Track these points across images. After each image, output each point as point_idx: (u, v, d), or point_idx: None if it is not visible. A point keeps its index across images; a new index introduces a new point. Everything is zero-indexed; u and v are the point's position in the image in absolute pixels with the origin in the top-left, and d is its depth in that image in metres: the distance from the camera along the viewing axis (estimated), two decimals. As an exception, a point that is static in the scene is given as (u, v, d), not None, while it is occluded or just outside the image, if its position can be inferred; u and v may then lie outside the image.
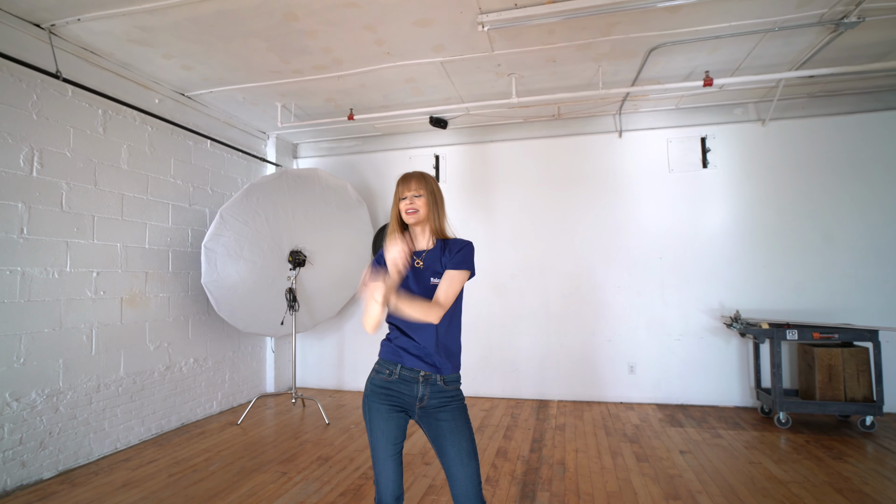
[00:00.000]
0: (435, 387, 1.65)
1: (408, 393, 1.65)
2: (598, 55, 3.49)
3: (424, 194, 1.70)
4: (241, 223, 3.91)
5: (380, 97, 4.20)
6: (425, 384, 1.65)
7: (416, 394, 1.65)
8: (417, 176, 1.73)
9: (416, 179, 1.72)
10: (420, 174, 1.74)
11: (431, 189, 1.73)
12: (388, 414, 1.65)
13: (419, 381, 1.65)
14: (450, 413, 1.64)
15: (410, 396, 1.65)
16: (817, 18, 3.03)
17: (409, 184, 1.72)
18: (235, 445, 3.60)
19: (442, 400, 1.66)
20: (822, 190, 4.26)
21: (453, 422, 1.63)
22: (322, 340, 5.36)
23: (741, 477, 2.90)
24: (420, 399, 1.65)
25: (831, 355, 3.73)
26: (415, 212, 1.69)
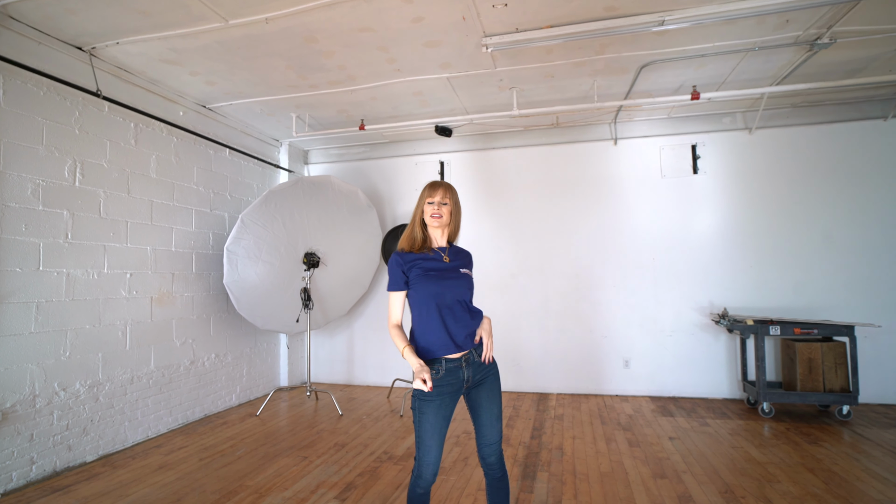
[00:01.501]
0: (474, 364, 1.93)
1: (456, 380, 1.89)
2: (593, 71, 3.77)
3: (450, 204, 1.97)
4: (260, 227, 4.19)
5: (389, 108, 4.47)
6: (468, 366, 1.91)
7: (463, 377, 1.90)
8: (446, 186, 1.99)
9: (445, 189, 1.98)
10: (448, 185, 2.00)
11: (456, 200, 2.00)
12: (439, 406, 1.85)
13: (462, 366, 1.90)
14: (489, 384, 1.95)
15: (459, 381, 1.90)
16: (793, 40, 3.31)
17: (437, 191, 1.98)
18: (257, 434, 3.88)
19: (483, 373, 1.94)
20: (805, 195, 4.53)
21: (489, 389, 1.95)
22: (333, 337, 5.64)
23: (723, 459, 3.17)
24: (467, 381, 1.91)
25: (811, 349, 4.01)
26: (439, 217, 1.95)
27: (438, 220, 1.95)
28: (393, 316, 1.97)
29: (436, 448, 1.85)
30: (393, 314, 1.97)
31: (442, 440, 1.87)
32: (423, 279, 1.92)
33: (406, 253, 2.00)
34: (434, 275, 1.93)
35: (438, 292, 1.91)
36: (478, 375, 1.93)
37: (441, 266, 1.96)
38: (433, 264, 1.97)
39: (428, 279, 1.92)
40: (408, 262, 1.97)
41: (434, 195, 1.97)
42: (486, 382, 1.95)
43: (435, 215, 1.95)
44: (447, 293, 1.91)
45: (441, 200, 1.96)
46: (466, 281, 1.98)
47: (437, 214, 1.95)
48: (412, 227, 2.02)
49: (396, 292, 1.96)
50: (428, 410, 1.85)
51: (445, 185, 2.00)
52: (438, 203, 1.96)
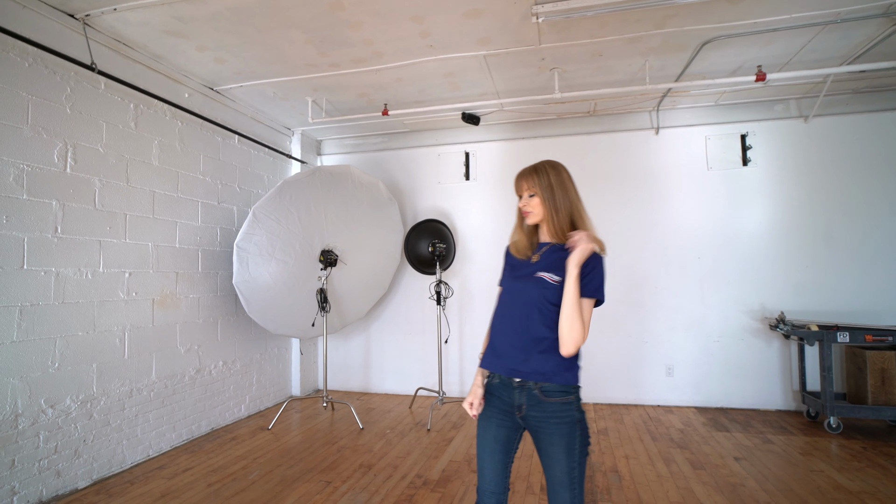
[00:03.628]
0: (532, 397, 1.49)
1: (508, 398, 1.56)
2: (646, 49, 3.38)
3: (539, 192, 1.56)
4: (273, 222, 3.79)
5: (415, 92, 4.07)
6: (521, 391, 1.51)
7: (514, 401, 1.53)
8: (529, 172, 1.59)
9: (528, 177, 1.59)
10: (533, 169, 1.59)
11: (549, 183, 1.55)
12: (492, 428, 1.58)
13: (515, 386, 1.53)
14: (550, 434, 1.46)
15: (510, 404, 1.55)
16: (883, 9, 2.92)
17: (520, 182, 1.61)
18: (271, 452, 3.47)
19: (544, 417, 1.48)
20: (867, 189, 4.16)
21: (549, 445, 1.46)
22: (348, 342, 5.24)
23: (807, 486, 2.79)
24: (518, 408, 1.52)
25: (884, 358, 3.63)
26: (529, 213, 1.59)
27: (530, 216, 1.59)
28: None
29: (488, 471, 1.53)
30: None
31: (497, 465, 1.53)
32: (503, 277, 1.68)
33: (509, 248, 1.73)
34: (507, 274, 1.66)
35: (502, 295, 1.65)
36: (534, 411, 1.47)
37: (519, 264, 1.62)
38: (515, 261, 1.65)
39: (503, 278, 1.68)
40: (506, 256, 1.73)
41: (519, 189, 1.63)
42: (545, 430, 1.45)
43: (525, 213, 1.60)
44: (508, 299, 1.61)
45: (528, 192, 1.59)
46: (539, 289, 1.49)
47: (526, 212, 1.60)
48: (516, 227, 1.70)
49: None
50: (478, 425, 1.61)
51: (529, 170, 1.60)
52: (526, 197, 1.59)
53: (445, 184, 5.09)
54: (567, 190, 1.56)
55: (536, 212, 1.57)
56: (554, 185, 1.55)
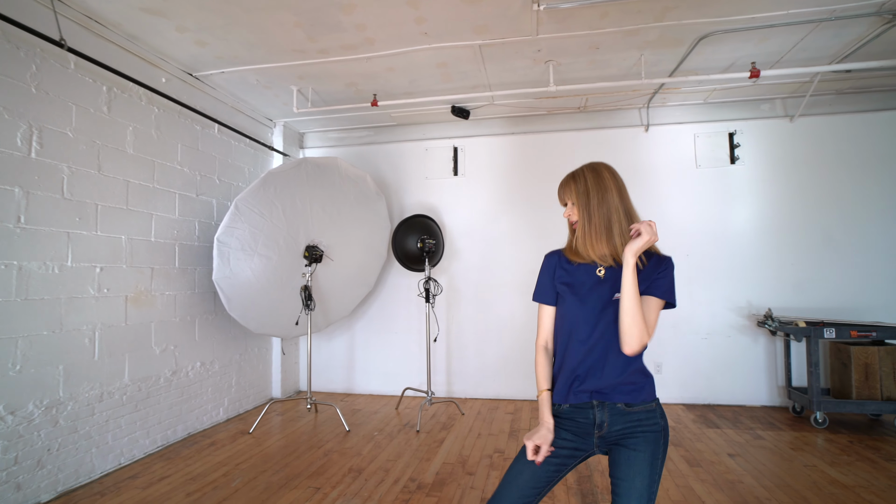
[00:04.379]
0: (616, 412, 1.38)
1: (583, 420, 1.40)
2: (643, 43, 3.34)
3: (576, 201, 1.44)
4: (257, 215, 3.60)
5: (405, 83, 3.95)
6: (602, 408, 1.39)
7: (591, 420, 1.39)
8: (566, 181, 1.48)
9: (565, 186, 1.48)
10: (570, 177, 1.47)
11: (585, 189, 1.42)
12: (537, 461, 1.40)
13: (594, 406, 1.40)
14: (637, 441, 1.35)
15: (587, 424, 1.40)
16: (877, 8, 2.95)
17: (560, 194, 1.50)
18: (253, 457, 3.29)
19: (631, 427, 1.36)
20: (850, 187, 4.24)
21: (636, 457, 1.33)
22: (331, 341, 5.07)
23: (803, 482, 2.79)
24: (599, 426, 1.38)
25: (868, 354, 3.69)
26: (575, 225, 1.47)
27: (575, 227, 1.46)
28: (540, 335, 1.51)
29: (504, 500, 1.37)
30: (540, 332, 1.51)
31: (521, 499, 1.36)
32: (565, 294, 1.44)
33: (559, 254, 1.51)
34: (573, 291, 1.41)
35: (573, 317, 1.40)
36: (618, 425, 1.36)
37: (588, 280, 1.41)
38: (579, 276, 1.43)
39: (566, 295, 1.43)
40: (556, 266, 1.48)
41: (561, 200, 1.51)
42: (633, 441, 1.34)
43: (572, 223, 1.48)
44: (583, 322, 1.38)
45: (569, 201, 1.47)
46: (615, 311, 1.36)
47: (572, 221, 1.47)
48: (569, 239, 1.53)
49: (543, 306, 1.50)
50: (525, 460, 1.40)
51: (566, 179, 1.48)
52: (569, 207, 1.47)
53: (433, 179, 4.98)
54: (607, 191, 1.39)
55: (582, 222, 1.43)
56: (590, 189, 1.41)
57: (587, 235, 1.40)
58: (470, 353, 4.81)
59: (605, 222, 1.38)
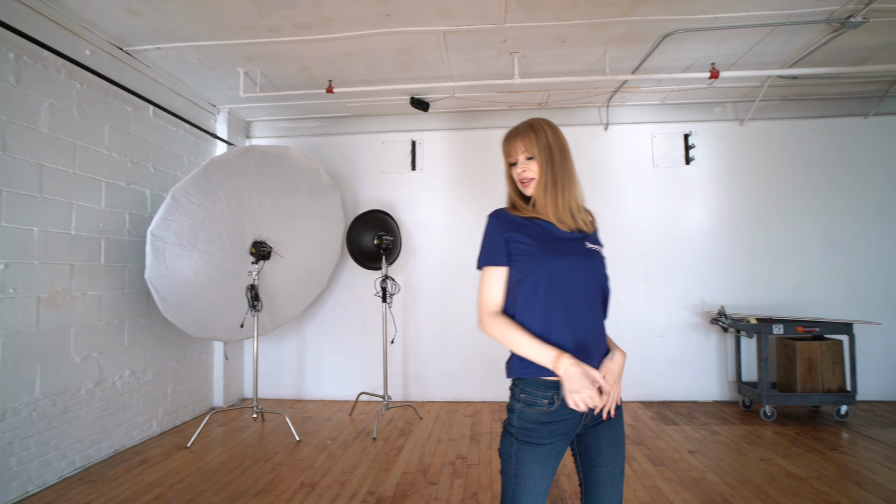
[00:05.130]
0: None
1: (571, 417, 1.22)
2: (609, 38, 3.31)
3: (536, 154, 1.28)
4: (197, 206, 3.26)
5: (363, 70, 3.72)
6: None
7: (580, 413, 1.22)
8: (524, 130, 1.31)
9: (524, 136, 1.30)
10: (528, 126, 1.31)
11: (547, 143, 1.28)
12: (545, 458, 1.20)
13: None
14: (611, 422, 1.26)
15: (576, 416, 1.22)
16: (827, 15, 3.06)
17: (514, 144, 1.32)
18: (192, 475, 2.97)
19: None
20: (793, 190, 4.44)
21: (614, 432, 1.26)
22: (279, 344, 4.74)
23: (761, 476, 2.83)
24: (585, 415, 1.24)
25: (811, 348, 3.86)
26: (531, 180, 1.30)
27: (529, 184, 1.30)
28: (491, 301, 1.28)
29: None
30: (491, 299, 1.28)
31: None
32: (536, 251, 1.24)
33: (509, 213, 1.33)
34: (554, 245, 1.25)
35: (564, 272, 1.22)
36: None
37: (562, 235, 1.28)
38: (551, 230, 1.28)
39: (546, 251, 1.24)
40: (511, 224, 1.29)
41: (511, 151, 1.32)
42: (611, 420, 1.26)
43: (525, 180, 1.30)
44: (575, 276, 1.23)
45: (525, 155, 1.29)
46: (602, 263, 1.31)
47: (526, 179, 1.30)
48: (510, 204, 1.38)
49: (495, 268, 1.28)
50: (532, 461, 1.19)
51: (524, 128, 1.31)
52: (523, 161, 1.30)
53: (390, 174, 4.77)
54: (567, 153, 1.31)
55: (540, 178, 1.28)
56: (552, 144, 1.29)
57: (550, 194, 1.27)
58: (428, 354, 4.64)
59: (569, 186, 1.29)
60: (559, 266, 1.23)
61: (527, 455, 1.20)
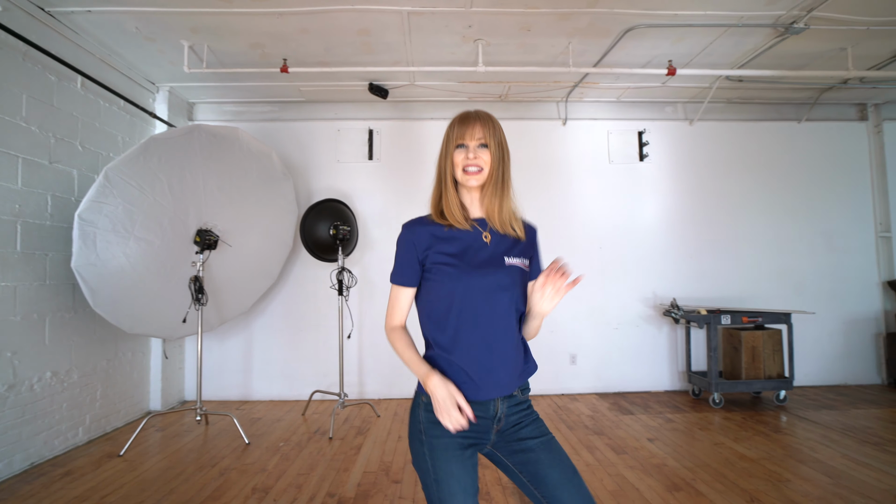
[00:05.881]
0: (511, 400, 1.23)
1: (482, 416, 1.19)
2: (573, 29, 3.32)
3: (492, 146, 1.21)
4: (135, 189, 2.96)
5: (320, 50, 3.53)
6: (503, 400, 1.22)
7: (490, 415, 1.20)
8: (484, 118, 1.22)
9: (483, 123, 1.21)
10: (486, 115, 1.24)
11: (500, 140, 1.23)
12: (461, 452, 1.17)
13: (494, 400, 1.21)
14: (534, 429, 1.23)
15: (486, 420, 1.20)
16: (774, 20, 3.21)
17: (471, 127, 1.21)
18: (126, 485, 2.67)
19: (522, 415, 1.24)
20: (737, 188, 4.67)
21: (543, 438, 1.22)
22: (224, 342, 4.42)
23: (717, 459, 2.92)
24: (497, 420, 1.21)
25: (755, 337, 4.06)
26: (478, 171, 1.20)
27: (477, 174, 1.21)
28: (395, 317, 1.27)
29: None
30: (395, 315, 1.27)
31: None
32: (454, 271, 1.19)
33: (426, 223, 1.25)
34: (462, 264, 1.20)
35: (466, 293, 1.18)
36: (514, 416, 1.23)
37: (482, 252, 1.23)
38: (465, 245, 1.22)
39: (463, 272, 1.19)
40: (425, 238, 1.23)
41: (466, 134, 1.21)
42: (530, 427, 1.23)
43: (472, 169, 1.20)
44: (479, 297, 1.18)
45: (479, 142, 1.21)
46: (514, 278, 1.23)
47: (474, 167, 1.20)
48: (442, 190, 1.26)
49: (403, 288, 1.25)
50: (448, 457, 1.15)
51: (484, 116, 1.23)
52: (475, 148, 1.20)
53: (346, 163, 4.59)
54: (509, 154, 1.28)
55: (487, 172, 1.21)
56: (503, 143, 1.25)
57: (497, 194, 1.24)
58: (384, 350, 4.49)
59: (510, 190, 1.27)
60: (475, 287, 1.19)
61: (440, 452, 1.16)
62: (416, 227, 1.25)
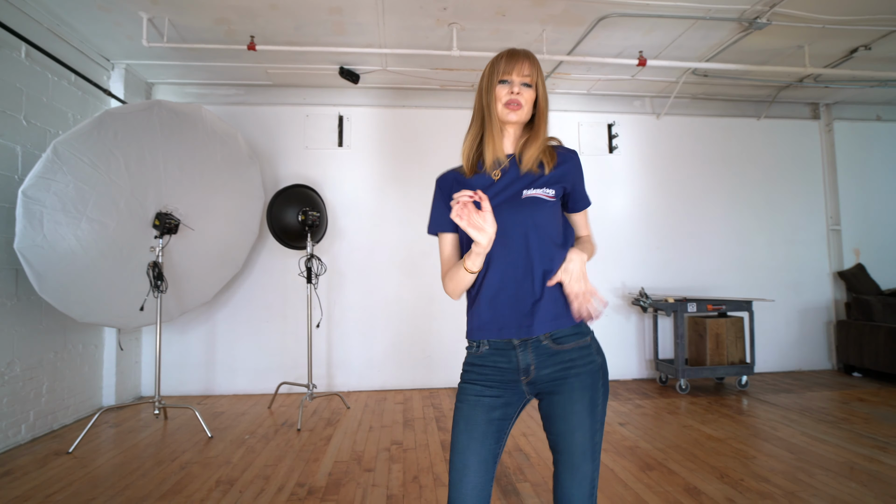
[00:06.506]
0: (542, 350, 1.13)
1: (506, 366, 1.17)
2: (548, 16, 3.33)
3: (536, 87, 1.17)
4: (87, 166, 2.76)
5: (290, 28, 3.41)
6: (527, 349, 1.14)
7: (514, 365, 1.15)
8: (532, 57, 1.18)
9: (532, 62, 1.17)
10: (534, 56, 1.19)
11: (543, 83, 1.20)
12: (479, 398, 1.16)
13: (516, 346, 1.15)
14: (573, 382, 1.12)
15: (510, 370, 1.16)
16: (739, 14, 3.32)
17: (519, 64, 1.15)
18: (75, 483, 2.49)
19: (564, 365, 1.13)
20: (701, 181, 4.81)
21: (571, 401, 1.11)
22: (185, 334, 4.21)
23: (686, 440, 2.98)
24: (526, 372, 1.14)
25: (718, 325, 4.18)
26: (517, 107, 1.15)
27: (516, 110, 1.15)
28: (442, 265, 1.26)
29: (474, 474, 1.08)
30: (442, 263, 1.26)
31: (487, 463, 1.09)
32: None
33: (452, 173, 1.24)
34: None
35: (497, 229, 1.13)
36: (548, 368, 1.13)
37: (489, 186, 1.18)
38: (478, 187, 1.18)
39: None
40: (450, 182, 1.24)
41: (512, 69, 1.15)
42: (562, 388, 1.12)
43: (512, 104, 1.15)
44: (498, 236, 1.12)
45: (525, 80, 1.16)
46: (535, 212, 1.15)
47: (514, 103, 1.15)
48: (481, 128, 1.20)
49: (442, 235, 1.24)
50: (462, 405, 1.15)
51: (531, 56, 1.18)
52: (520, 85, 1.16)
53: (314, 149, 4.46)
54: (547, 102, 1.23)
55: (527, 109, 1.17)
56: (545, 90, 1.21)
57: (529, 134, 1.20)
58: (354, 341, 4.39)
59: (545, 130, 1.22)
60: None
61: (460, 398, 1.17)
62: (447, 176, 1.26)
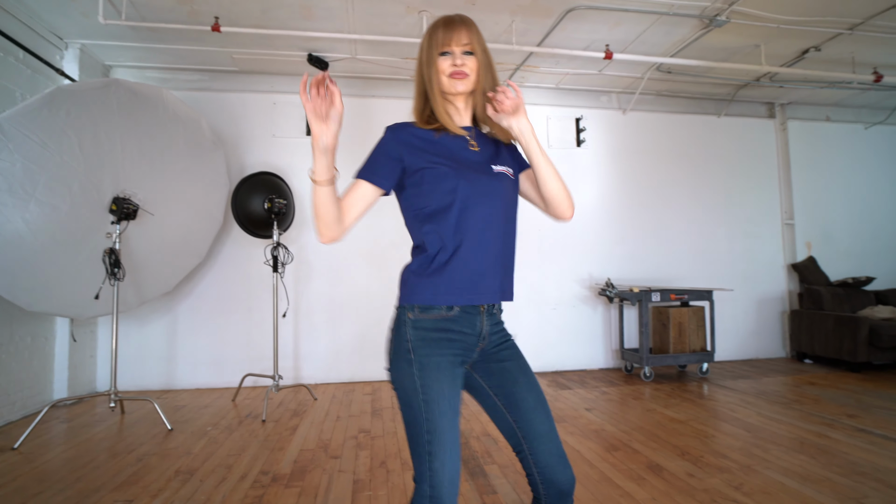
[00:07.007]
0: (493, 318, 1.17)
1: (470, 332, 1.12)
2: (517, 7, 3.36)
3: (478, 53, 1.16)
4: (36, 144, 2.63)
5: (257, 11, 3.34)
6: (488, 316, 1.15)
7: (477, 331, 1.13)
8: (469, 23, 1.16)
9: (469, 29, 1.16)
10: (470, 20, 1.18)
11: (483, 46, 1.18)
12: (451, 371, 1.08)
13: (482, 312, 1.14)
14: (513, 350, 1.19)
15: (473, 336, 1.13)
16: (700, 10, 3.43)
17: (457, 33, 1.14)
18: (19, 479, 2.36)
19: (501, 335, 1.20)
20: (664, 175, 4.96)
21: (520, 360, 1.19)
22: (144, 326, 4.06)
23: (650, 422, 3.06)
24: (482, 338, 1.14)
25: (681, 314, 4.31)
26: (463, 76, 1.14)
27: (463, 79, 1.14)
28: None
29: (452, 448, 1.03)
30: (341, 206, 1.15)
31: (457, 441, 1.05)
32: (440, 170, 1.12)
33: (414, 127, 1.18)
34: (457, 165, 1.14)
35: (469, 191, 1.11)
36: (495, 335, 1.17)
37: (469, 156, 1.17)
38: (455, 149, 1.17)
39: (449, 170, 1.12)
40: (413, 140, 1.16)
41: (451, 40, 1.14)
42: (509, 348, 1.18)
43: (457, 74, 1.14)
44: (479, 201, 1.12)
45: (465, 48, 1.14)
46: (505, 184, 1.17)
47: (459, 73, 1.14)
48: (427, 99, 1.20)
49: (365, 183, 1.16)
50: (439, 377, 1.06)
51: (468, 21, 1.17)
52: (461, 53, 1.14)
53: (282, 138, 4.37)
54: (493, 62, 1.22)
55: (473, 77, 1.16)
56: (486, 48, 1.20)
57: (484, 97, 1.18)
58: (321, 333, 4.33)
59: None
60: (477, 186, 1.13)
61: (432, 371, 1.06)
62: (405, 128, 1.17)
